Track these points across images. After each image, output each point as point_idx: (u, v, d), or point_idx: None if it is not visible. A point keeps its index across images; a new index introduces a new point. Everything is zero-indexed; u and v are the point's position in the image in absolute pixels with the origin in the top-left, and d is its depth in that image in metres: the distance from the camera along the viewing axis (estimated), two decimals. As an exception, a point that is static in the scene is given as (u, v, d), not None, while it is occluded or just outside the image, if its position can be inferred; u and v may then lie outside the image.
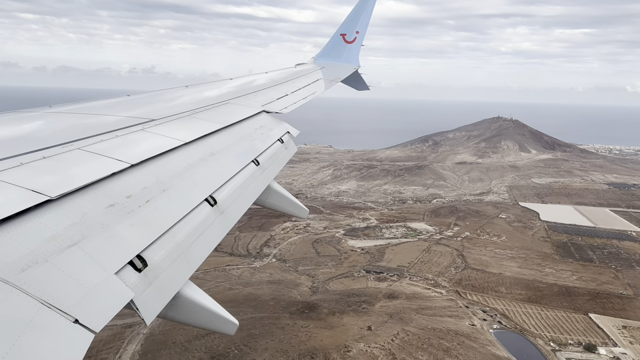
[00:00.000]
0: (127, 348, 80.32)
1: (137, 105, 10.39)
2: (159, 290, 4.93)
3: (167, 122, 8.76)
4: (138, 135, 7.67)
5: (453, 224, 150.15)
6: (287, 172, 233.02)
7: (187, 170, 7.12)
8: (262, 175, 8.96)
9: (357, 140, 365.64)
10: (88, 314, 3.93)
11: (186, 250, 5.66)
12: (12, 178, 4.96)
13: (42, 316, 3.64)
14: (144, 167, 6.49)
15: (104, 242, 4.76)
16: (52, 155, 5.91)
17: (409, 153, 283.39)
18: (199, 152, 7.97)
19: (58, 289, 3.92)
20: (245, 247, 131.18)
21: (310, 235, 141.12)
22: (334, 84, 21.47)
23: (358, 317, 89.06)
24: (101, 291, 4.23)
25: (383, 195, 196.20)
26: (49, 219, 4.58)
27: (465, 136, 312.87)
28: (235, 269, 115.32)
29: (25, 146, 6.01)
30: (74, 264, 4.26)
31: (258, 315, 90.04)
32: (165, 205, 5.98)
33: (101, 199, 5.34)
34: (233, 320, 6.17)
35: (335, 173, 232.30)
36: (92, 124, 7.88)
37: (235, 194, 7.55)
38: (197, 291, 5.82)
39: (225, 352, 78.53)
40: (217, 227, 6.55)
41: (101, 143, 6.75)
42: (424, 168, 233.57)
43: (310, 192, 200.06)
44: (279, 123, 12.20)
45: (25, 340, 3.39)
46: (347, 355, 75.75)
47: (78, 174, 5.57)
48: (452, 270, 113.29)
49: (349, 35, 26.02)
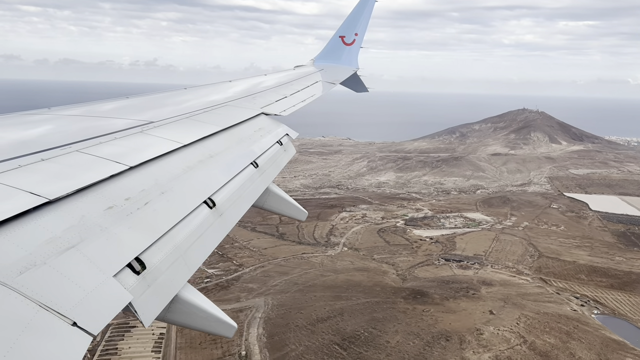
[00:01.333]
0: (250, 331, 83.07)
1: (135, 108, 10.40)
2: (158, 293, 4.93)
3: (166, 125, 8.76)
4: (137, 138, 7.67)
5: (509, 214, 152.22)
6: (322, 163, 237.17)
7: (186, 172, 7.12)
8: (261, 178, 8.96)
9: (370, 132, 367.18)
10: (86, 316, 3.92)
11: (185, 252, 5.65)
12: (11, 180, 4.96)
13: (40, 319, 3.63)
14: (142, 170, 6.49)
15: (103, 245, 4.76)
16: (51, 157, 5.91)
17: (437, 145, 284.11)
18: (198, 154, 7.97)
19: (56, 292, 3.92)
20: (311, 236, 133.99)
21: (371, 225, 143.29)
22: (333, 86, 21.51)
23: (473, 302, 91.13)
24: (99, 294, 4.22)
25: (425, 186, 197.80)
26: (48, 221, 4.57)
27: (491, 128, 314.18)
28: (314, 257, 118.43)
29: (24, 148, 6.01)
30: (73, 267, 4.26)
31: (373, 300, 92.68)
32: (163, 207, 5.98)
33: (100, 201, 5.34)
34: (232, 323, 6.16)
35: (370, 165, 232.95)
36: (91, 127, 7.88)
37: (234, 196, 7.54)
38: (196, 294, 5.81)
39: (355, 335, 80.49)
40: (215, 230, 6.55)
41: (100, 145, 6.76)
42: (460, 159, 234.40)
43: (350, 184, 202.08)
44: (278, 125, 12.21)
45: (24, 343, 3.39)
46: (480, 337, 77.69)
47: (76, 176, 5.57)
48: (528, 259, 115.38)
49: (348, 37, 26.07)
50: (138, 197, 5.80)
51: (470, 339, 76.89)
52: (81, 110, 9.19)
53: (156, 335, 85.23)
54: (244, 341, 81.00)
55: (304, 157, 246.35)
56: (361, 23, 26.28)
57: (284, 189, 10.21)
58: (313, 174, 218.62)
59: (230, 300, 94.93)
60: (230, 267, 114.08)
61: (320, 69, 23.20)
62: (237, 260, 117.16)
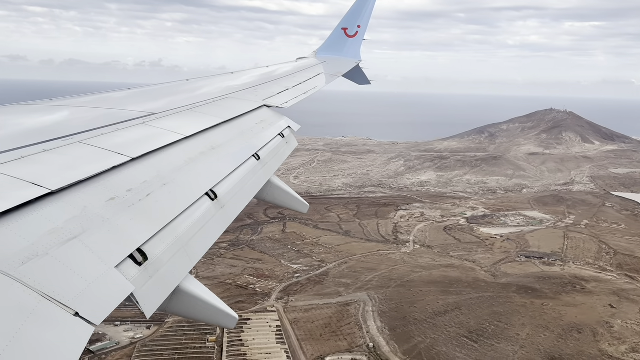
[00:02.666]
0: (369, 324, 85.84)
1: (138, 99, 10.38)
2: (160, 284, 4.95)
3: (168, 116, 8.75)
4: (139, 129, 7.67)
5: (566, 212, 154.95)
6: (357, 163, 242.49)
7: (188, 164, 7.12)
8: (263, 170, 8.95)
9: (386, 132, 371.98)
10: (88, 307, 3.94)
11: (186, 244, 5.67)
12: (13, 171, 4.97)
13: (43, 309, 3.65)
14: (144, 161, 6.49)
15: (105, 236, 4.77)
16: (53, 148, 5.91)
17: (467, 144, 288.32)
18: (200, 146, 7.97)
19: (58, 282, 3.94)
20: (377, 234, 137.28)
21: (434, 223, 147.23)
22: (336, 78, 21.42)
23: (587, 296, 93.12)
24: (101, 284, 4.24)
25: (468, 185, 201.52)
26: (50, 212, 4.58)
27: (519, 128, 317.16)
28: (391, 254, 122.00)
29: (26, 139, 6.01)
30: (75, 257, 4.27)
31: (484, 294, 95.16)
32: (165, 199, 5.99)
33: (102, 192, 5.35)
34: (233, 314, 6.18)
35: (407, 164, 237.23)
36: (93, 118, 7.88)
37: (236, 189, 7.55)
38: (197, 285, 5.83)
39: (480, 328, 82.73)
40: (217, 221, 6.56)
41: (102, 137, 6.76)
42: (499, 159, 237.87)
43: (391, 183, 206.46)
44: (279, 117, 12.18)
45: (26, 333, 3.41)
46: (612, 330, 79.93)
47: (79, 167, 5.57)
48: (605, 256, 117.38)
49: (351, 29, 25.93)
50: (140, 189, 5.80)
51: (602, 332, 78.81)
52: (83, 101, 9.18)
53: (273, 327, 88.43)
54: (366, 333, 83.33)
55: (337, 156, 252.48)
56: (364, 15, 26.13)
57: (326, 188, 10.19)
58: (352, 173, 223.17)
59: (331, 295, 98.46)
60: (312, 263, 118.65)
61: (322, 61, 23.11)
62: (316, 257, 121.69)
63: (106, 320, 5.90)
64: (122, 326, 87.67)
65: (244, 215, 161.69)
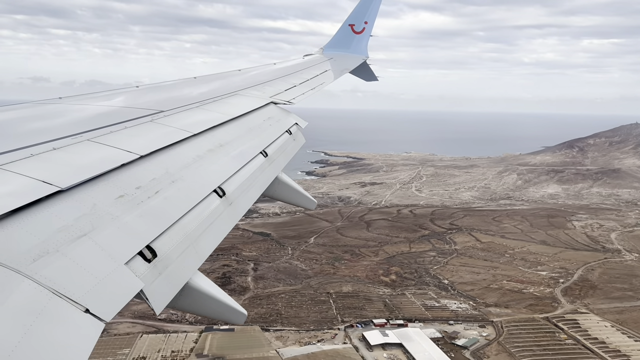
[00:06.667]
0: None
1: (146, 97, 10.42)
2: (169, 281, 4.97)
3: (176, 114, 8.77)
4: (147, 127, 7.69)
5: None
6: (467, 177, 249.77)
7: (196, 161, 7.14)
8: (271, 167, 8.96)
9: (428, 148, 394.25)
10: (98, 303, 3.97)
11: (195, 241, 5.69)
12: (23, 169, 5.00)
13: (54, 305, 3.68)
14: (153, 159, 6.51)
15: (114, 233, 4.80)
16: (62, 146, 5.94)
17: (562, 158, 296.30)
18: (208, 143, 7.98)
19: (69, 279, 3.96)
20: (574, 242, 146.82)
21: (622, 232, 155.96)
22: (343, 74, 21.35)
23: None
24: (111, 281, 4.27)
25: (603, 198, 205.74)
26: (60, 209, 4.61)
27: (606, 142, 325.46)
28: (620, 261, 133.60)
29: (36, 137, 6.05)
30: (85, 254, 4.30)
31: None
32: (174, 196, 6.01)
33: (111, 190, 5.37)
34: (242, 311, 6.20)
35: (522, 177, 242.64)
36: (102, 116, 7.91)
37: (244, 185, 7.56)
38: (206, 281, 5.85)
39: None
40: (225, 218, 6.57)
41: (111, 134, 6.78)
42: (618, 171, 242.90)
43: (518, 196, 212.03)
44: (287, 114, 12.17)
45: (37, 329, 3.44)
46: None
47: (88, 165, 5.60)
48: None
49: (358, 25, 25.81)
50: (149, 186, 5.83)
51: None
52: (91, 99, 9.22)
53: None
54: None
55: (444, 170, 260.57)
56: (371, 11, 25.99)
57: (458, 200, 10.21)
58: (472, 186, 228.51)
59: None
60: (555, 269, 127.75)
61: (329, 58, 23.04)
62: (549, 264, 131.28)
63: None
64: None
65: (413, 225, 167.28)
